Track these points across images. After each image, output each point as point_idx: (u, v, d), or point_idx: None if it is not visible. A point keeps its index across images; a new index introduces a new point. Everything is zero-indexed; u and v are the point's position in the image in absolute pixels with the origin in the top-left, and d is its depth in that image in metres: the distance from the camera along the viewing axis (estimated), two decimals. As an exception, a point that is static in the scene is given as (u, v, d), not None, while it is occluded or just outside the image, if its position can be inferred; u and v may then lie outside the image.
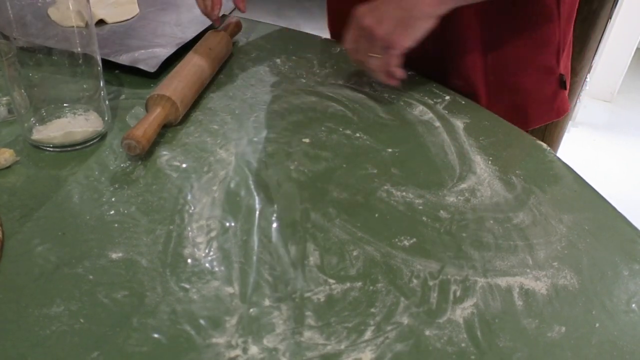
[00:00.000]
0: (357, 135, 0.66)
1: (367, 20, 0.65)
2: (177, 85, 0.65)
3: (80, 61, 0.58)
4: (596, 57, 1.33)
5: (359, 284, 0.47)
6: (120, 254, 0.47)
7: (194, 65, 0.70)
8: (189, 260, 0.47)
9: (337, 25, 0.93)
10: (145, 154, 0.59)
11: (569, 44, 0.83)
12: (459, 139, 0.67)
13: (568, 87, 0.84)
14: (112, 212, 0.51)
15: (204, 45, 0.75)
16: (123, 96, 0.70)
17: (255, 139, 0.64)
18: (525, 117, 0.84)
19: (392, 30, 0.64)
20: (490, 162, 0.63)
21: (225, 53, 0.79)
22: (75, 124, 0.60)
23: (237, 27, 0.87)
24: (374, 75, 0.71)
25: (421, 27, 0.64)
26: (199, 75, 0.70)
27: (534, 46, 0.79)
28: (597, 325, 0.45)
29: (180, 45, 0.79)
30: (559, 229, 0.54)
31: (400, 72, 0.69)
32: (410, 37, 0.65)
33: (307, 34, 0.92)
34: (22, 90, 0.57)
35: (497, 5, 0.68)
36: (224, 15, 0.92)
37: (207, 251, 0.48)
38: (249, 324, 0.42)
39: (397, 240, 0.51)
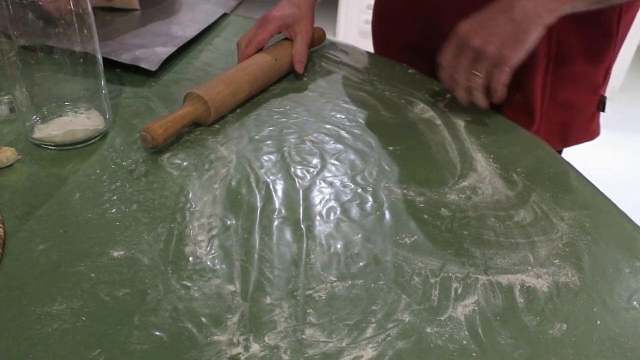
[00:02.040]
0: (358, 133, 0.66)
1: (476, 40, 0.61)
2: (222, 91, 0.65)
3: (82, 60, 0.58)
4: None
5: (361, 281, 0.47)
6: (121, 252, 0.47)
7: (248, 74, 0.69)
8: (190, 258, 0.47)
9: (383, 25, 0.91)
10: (144, 152, 0.59)
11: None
12: (460, 137, 0.67)
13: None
14: (114, 210, 0.52)
15: (272, 54, 0.73)
16: (124, 94, 0.70)
17: (256, 137, 0.64)
18: (567, 136, 0.82)
19: (504, 46, 0.61)
20: (491, 160, 0.63)
21: (290, 67, 0.77)
22: (76, 123, 0.60)
23: (319, 39, 0.83)
24: (460, 96, 0.67)
25: (532, 38, 0.61)
26: (249, 85, 0.69)
27: (588, 63, 0.76)
28: (598, 322, 0.45)
29: (180, 44, 0.79)
30: (560, 227, 0.54)
31: (503, 90, 0.65)
32: (522, 50, 0.61)
33: (307, 32, 0.92)
34: (24, 89, 0.57)
35: (564, 21, 0.64)
36: (225, 14, 0.92)
37: (208, 249, 0.48)
38: (251, 322, 0.42)
39: (398, 237, 0.51)
